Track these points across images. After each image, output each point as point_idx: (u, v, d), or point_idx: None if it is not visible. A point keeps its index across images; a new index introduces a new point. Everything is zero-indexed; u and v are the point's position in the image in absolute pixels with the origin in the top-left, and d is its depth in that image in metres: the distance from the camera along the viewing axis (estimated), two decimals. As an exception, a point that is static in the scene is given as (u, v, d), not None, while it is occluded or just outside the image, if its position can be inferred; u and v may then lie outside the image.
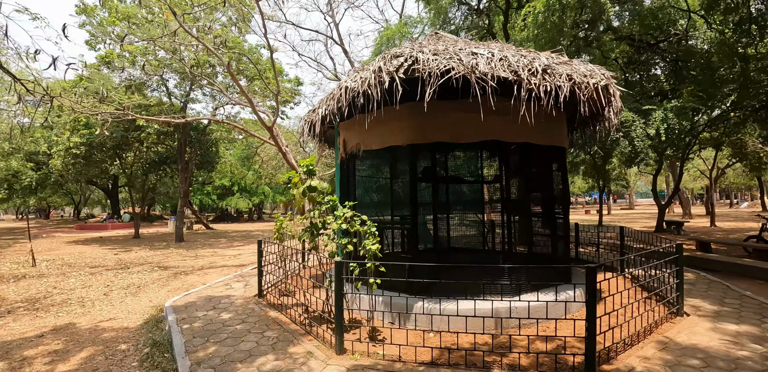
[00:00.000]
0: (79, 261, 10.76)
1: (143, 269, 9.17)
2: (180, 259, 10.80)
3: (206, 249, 13.38)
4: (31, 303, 6.19)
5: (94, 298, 6.45)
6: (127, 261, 10.63)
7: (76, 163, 15.94)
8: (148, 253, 12.19)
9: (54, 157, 16.46)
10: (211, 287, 6.56)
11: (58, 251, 13.22)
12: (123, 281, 7.80)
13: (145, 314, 5.35)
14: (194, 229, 23.85)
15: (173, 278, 7.99)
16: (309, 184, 4.33)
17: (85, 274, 8.70)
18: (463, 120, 4.49)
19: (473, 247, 7.58)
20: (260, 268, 5.60)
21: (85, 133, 15.49)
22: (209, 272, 8.66)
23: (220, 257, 11.14)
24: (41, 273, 8.84)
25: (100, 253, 12.60)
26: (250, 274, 7.72)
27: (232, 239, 17.09)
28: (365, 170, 5.97)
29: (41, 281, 7.89)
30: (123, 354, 3.98)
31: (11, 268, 9.53)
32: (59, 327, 4.95)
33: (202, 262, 10.14)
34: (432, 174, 6.07)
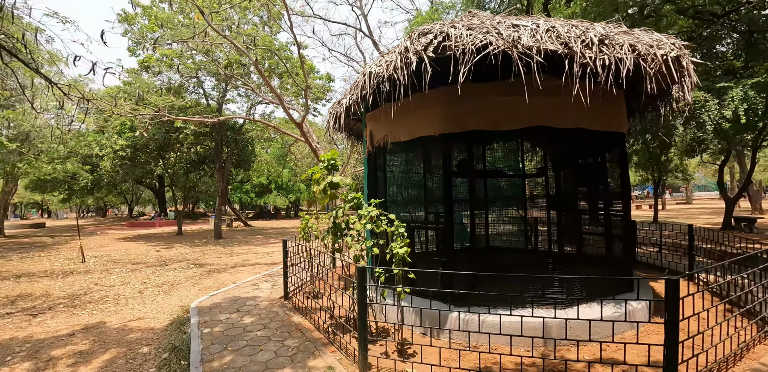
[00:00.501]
0: (124, 257, 11.20)
1: (180, 266, 9.32)
2: (216, 257, 10.95)
3: (242, 246, 13.57)
4: (72, 299, 6.35)
5: (129, 295, 6.53)
6: (167, 258, 10.92)
7: (123, 164, 16.78)
8: (187, 250, 12.52)
9: (104, 159, 17.43)
10: (239, 287, 6.43)
11: (107, 248, 13.95)
12: (159, 278, 7.91)
13: (172, 314, 5.27)
14: (233, 226, 24.59)
15: (206, 276, 8.00)
16: (330, 180, 3.96)
17: (126, 270, 8.97)
18: (503, 104, 3.92)
19: (514, 246, 6.94)
20: (285, 269, 5.35)
21: (130, 136, 16.24)
22: (241, 270, 8.62)
23: (253, 255, 11.18)
24: (88, 269, 9.22)
25: (143, 249, 13.13)
26: (279, 273, 7.54)
27: (268, 236, 17.33)
28: (394, 165, 5.52)
29: (86, 277, 8.19)
30: (143, 358, 3.84)
31: (63, 264, 10.06)
32: (90, 326, 4.96)
33: (235, 260, 10.20)
34: (468, 167, 5.52)
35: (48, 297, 6.55)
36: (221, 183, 17.17)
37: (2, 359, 3.95)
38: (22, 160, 15.98)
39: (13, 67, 6.17)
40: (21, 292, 6.88)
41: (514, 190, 7.07)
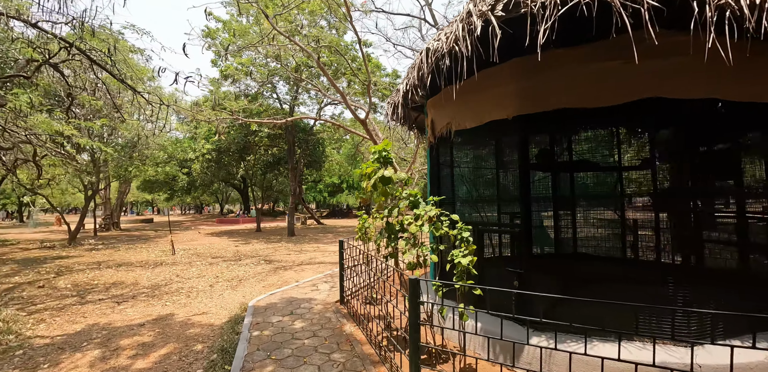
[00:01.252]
0: (207, 251, 12.08)
1: (251, 262, 9.67)
2: (285, 253, 11.23)
3: (311, 244, 13.84)
4: (153, 289, 6.81)
5: (201, 289, 6.80)
6: (242, 253, 11.50)
7: (209, 166, 18.38)
8: (261, 247, 13.12)
9: (195, 162, 19.29)
10: (298, 287, 6.29)
11: (196, 242, 15.31)
12: (230, 273, 8.22)
13: (232, 311, 5.26)
14: (307, 224, 25.64)
15: (272, 273, 8.11)
16: (381, 175, 3.47)
17: (205, 264, 9.55)
18: (599, 72, 3.04)
19: (608, 254, 5.75)
20: (341, 272, 5.01)
21: (215, 141, 17.70)
22: (306, 268, 8.61)
23: (321, 253, 11.24)
24: (175, 261, 10.04)
25: (225, 244, 14.11)
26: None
27: (338, 234, 17.59)
28: (460, 157, 4.83)
29: (170, 269, 8.87)
30: (195, 356, 3.76)
31: (157, 256, 11.14)
32: (160, 317, 5.14)
33: (303, 258, 10.31)
34: (550, 158, 4.62)
35: (135, 286, 7.12)
36: (294, 183, 17.88)
37: (79, 345, 4.19)
38: (132, 165, 18.38)
39: (102, 79, 6.80)
40: (116, 280, 7.62)
41: (607, 185, 5.87)
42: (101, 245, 14.08)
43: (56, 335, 4.51)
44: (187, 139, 23.15)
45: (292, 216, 17.63)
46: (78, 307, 5.73)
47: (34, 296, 6.37)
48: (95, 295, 6.41)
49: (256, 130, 15.94)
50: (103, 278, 7.88)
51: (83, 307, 5.73)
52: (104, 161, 16.97)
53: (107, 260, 10.34)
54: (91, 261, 10.24)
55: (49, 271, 8.76)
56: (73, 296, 6.37)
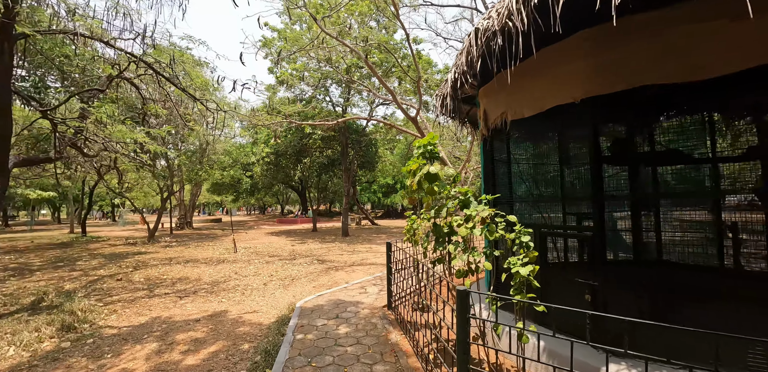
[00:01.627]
0: (265, 250, 12.57)
1: (305, 262, 9.82)
2: (338, 254, 11.29)
3: (364, 244, 13.83)
4: (213, 286, 7.12)
5: (255, 286, 6.97)
6: (297, 252, 11.78)
7: (268, 169, 19.25)
8: (316, 246, 13.37)
9: (255, 165, 20.35)
10: (347, 289, 6.16)
11: (256, 241, 16.08)
12: (284, 272, 8.38)
13: (281, 311, 5.26)
14: (362, 225, 25.91)
15: (324, 273, 8.12)
16: (427, 171, 3.15)
17: (262, 262, 9.89)
18: (693, 37, 2.43)
19: (702, 263, 4.82)
20: (389, 276, 4.76)
21: (273, 144, 18.51)
22: (357, 269, 8.51)
23: (372, 254, 11.13)
24: (235, 259, 10.54)
25: (282, 243, 14.63)
26: (390, 276, 7.12)
27: (391, 235, 17.46)
28: (517, 151, 4.33)
29: (231, 266, 9.29)
30: (240, 356, 3.74)
31: (220, 253, 11.81)
32: (215, 313, 5.29)
33: (354, 258, 10.26)
34: (627, 150, 3.94)
35: (197, 282, 7.52)
36: (347, 184, 18.10)
37: (141, 337, 4.40)
38: (201, 169, 19.90)
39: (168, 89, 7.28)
40: (182, 276, 8.13)
41: (698, 181, 4.94)
42: (175, 243, 15.36)
43: (123, 326, 4.81)
44: (249, 144, 24.58)
45: (346, 216, 17.84)
46: (146, 300, 6.14)
47: (112, 288, 6.98)
48: (162, 289, 6.84)
49: (310, 132, 16.38)
50: (171, 273, 8.45)
51: (150, 300, 6.12)
52: (178, 166, 18.57)
53: (177, 256, 11.17)
54: (164, 257, 11.12)
55: (129, 265, 9.64)
56: (144, 289, 6.87)
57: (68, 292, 6.61)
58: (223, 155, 21.42)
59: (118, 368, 3.58)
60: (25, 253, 12.58)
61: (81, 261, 10.59)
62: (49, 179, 17.89)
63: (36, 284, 7.41)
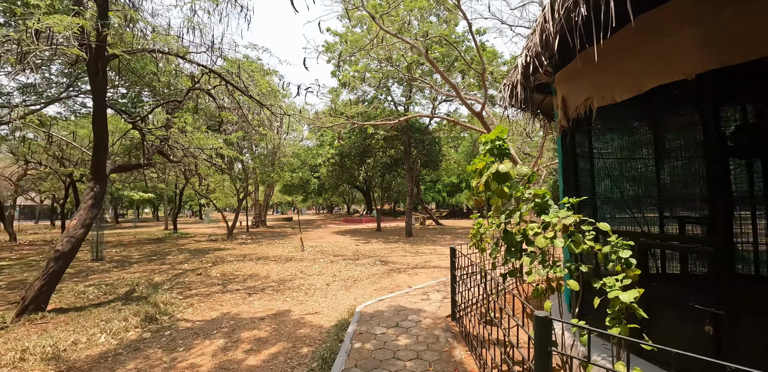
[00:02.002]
0: (330, 249, 12.84)
1: (368, 262, 9.77)
2: (401, 255, 11.09)
3: (428, 245, 13.46)
4: (279, 284, 7.34)
5: (318, 287, 7.03)
6: (361, 252, 11.82)
7: (334, 170, 19.78)
8: (379, 247, 13.32)
9: (322, 166, 21.07)
10: (409, 294, 5.89)
11: (323, 239, 16.58)
12: (347, 272, 8.38)
13: (341, 314, 5.17)
14: (426, 225, 25.50)
15: (386, 275, 7.95)
16: (495, 170, 2.74)
17: (326, 262, 10.06)
18: None
19: None
20: (453, 284, 4.38)
21: (337, 146, 18.96)
22: (420, 272, 8.21)
23: (437, 256, 10.73)
24: (302, 258, 10.88)
25: (347, 243, 14.86)
26: (455, 282, 6.70)
27: (456, 236, 16.84)
28: (604, 143, 3.66)
29: (297, 265, 9.58)
30: (298, 360, 3.67)
31: (289, 251, 12.32)
32: (279, 312, 5.38)
33: (418, 260, 9.97)
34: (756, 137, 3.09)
35: (266, 279, 7.82)
36: (411, 183, 17.86)
37: (210, 332, 4.59)
38: (273, 172, 21.14)
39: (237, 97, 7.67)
40: (253, 273, 8.55)
41: None
42: (249, 240, 16.47)
43: (197, 320, 5.09)
44: (316, 146, 25.59)
45: (410, 216, 17.61)
46: (219, 295, 6.50)
47: (192, 282, 7.55)
48: (234, 285, 7.22)
49: (373, 133, 16.45)
50: (244, 270, 8.95)
51: (223, 295, 6.46)
52: (252, 169, 19.95)
53: (251, 253, 11.88)
54: (239, 254, 11.90)
55: (208, 261, 10.46)
56: (219, 285, 7.31)
57: (156, 284, 7.28)
58: (292, 157, 22.55)
59: (187, 363, 3.72)
60: (128, 247, 14.41)
61: (170, 255, 11.77)
62: (147, 182, 20.42)
63: (132, 275, 8.32)
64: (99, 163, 6.45)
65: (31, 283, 5.37)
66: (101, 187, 6.42)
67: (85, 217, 6.10)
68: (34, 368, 3.65)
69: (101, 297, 6.36)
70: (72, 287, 7.09)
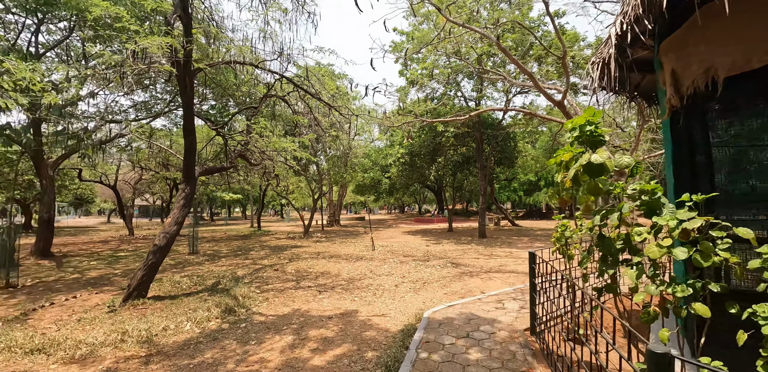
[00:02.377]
0: (400, 249, 12.73)
1: (438, 264, 9.42)
2: (474, 257, 10.51)
3: (503, 248, 12.61)
4: (349, 283, 7.38)
5: (387, 287, 6.90)
6: (431, 253, 11.49)
7: (404, 169, 19.70)
8: (451, 248, 12.84)
9: (392, 166, 21.13)
10: (482, 302, 5.43)
11: (393, 239, 16.57)
12: (417, 274, 8.14)
13: (409, 317, 4.94)
14: (500, 226, 24.15)
15: (457, 279, 7.54)
16: (587, 161, 2.27)
17: (396, 262, 9.94)
18: None
19: None
20: (533, 294, 3.88)
21: (407, 145, 18.83)
22: (494, 277, 7.64)
23: (513, 259, 9.96)
24: (372, 257, 10.91)
25: (417, 243, 14.62)
26: (534, 289, 6.04)
27: (535, 238, 15.57)
28: (732, 126, 2.87)
29: (367, 264, 9.61)
30: (362, 365, 3.53)
31: (360, 250, 12.48)
32: (346, 312, 5.34)
33: (492, 264, 9.33)
34: None
35: (336, 277, 7.94)
36: (483, 182, 16.98)
37: (281, 328, 4.70)
38: (346, 172, 21.79)
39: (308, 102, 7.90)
40: (325, 270, 8.76)
41: None
42: (324, 238, 17.14)
43: (270, 315, 5.28)
44: (386, 146, 25.81)
45: (483, 216, 16.75)
46: (292, 291, 6.73)
47: (269, 277, 7.97)
48: (306, 282, 7.44)
49: (443, 130, 15.97)
50: (317, 267, 9.23)
51: (296, 292, 6.67)
52: (326, 170, 20.78)
53: (324, 251, 12.28)
54: (314, 251, 12.39)
55: (285, 257, 11.03)
56: (293, 281, 7.60)
57: (238, 278, 7.82)
58: (363, 158, 23.03)
59: (257, 356, 3.82)
60: (219, 243, 15.95)
61: (253, 251, 12.72)
62: (233, 184, 22.50)
63: (220, 268, 9.10)
64: (189, 167, 7.11)
65: (134, 272, 6.10)
66: (191, 189, 7.08)
67: (178, 216, 6.76)
68: (130, 349, 4.06)
69: (192, 287, 7.01)
70: (170, 277, 7.95)
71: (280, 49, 6.92)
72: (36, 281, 8.14)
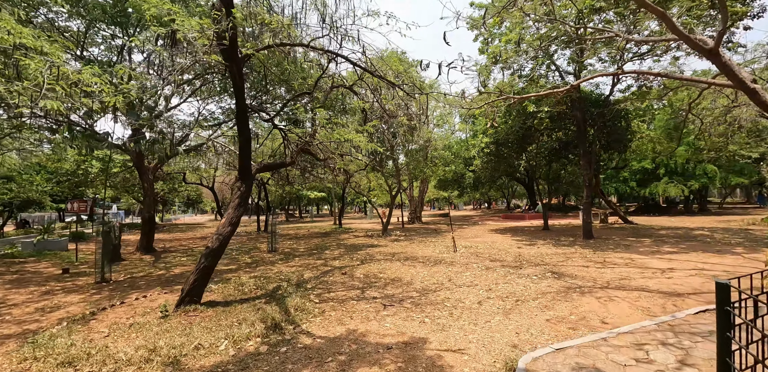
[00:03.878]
0: (487, 251, 11.02)
1: (534, 273, 7.62)
2: (580, 265, 8.39)
3: (618, 252, 10.04)
4: (421, 294, 6.14)
5: (468, 305, 5.49)
6: (525, 257, 9.60)
7: (489, 160, 17.64)
8: (548, 251, 10.69)
9: (476, 158, 19.17)
10: (609, 344, 3.68)
11: (478, 239, 14.78)
12: (506, 287, 6.54)
13: (496, 360, 3.51)
14: (608, 223, 20.39)
15: (562, 297, 5.76)
16: None
17: (481, 268, 8.37)
18: None
19: None
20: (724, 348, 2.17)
21: (491, 133, 16.74)
22: (615, 296, 5.66)
23: (637, 270, 7.61)
24: (453, 260, 9.48)
25: (507, 244, 12.66)
26: (691, 325, 4.03)
27: (660, 240, 12.33)
28: None
29: (447, 269, 8.24)
30: None
31: (440, 252, 11.11)
32: (411, 341, 4.12)
33: (609, 276, 7.19)
34: None
35: (408, 286, 6.75)
36: (588, 170, 14.11)
37: (325, 358, 3.69)
38: (426, 166, 20.47)
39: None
40: (396, 276, 7.65)
41: None
42: (403, 237, 16.12)
43: (318, 336, 4.33)
44: (469, 137, 23.78)
45: (589, 213, 13.92)
46: (354, 302, 5.74)
47: (334, 283, 7.15)
48: (372, 291, 6.41)
49: (534, 111, 13.61)
50: (388, 271, 8.18)
51: (357, 304, 5.67)
52: (405, 165, 19.72)
53: (400, 252, 11.22)
54: (389, 252, 11.41)
55: (358, 258, 10.24)
56: (358, 289, 6.64)
57: (302, 282, 7.16)
58: (443, 151, 21.43)
59: (283, 409, 2.82)
60: (299, 240, 16.04)
61: (328, 250, 12.26)
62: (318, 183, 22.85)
63: (290, 269, 8.65)
64: (245, 164, 6.61)
65: (188, 277, 5.73)
66: (247, 187, 6.55)
67: (232, 216, 6.27)
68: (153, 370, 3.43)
69: (253, 291, 6.51)
70: (239, 278, 7.66)
71: (332, 22, 5.95)
72: (127, 277, 8.60)
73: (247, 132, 6.64)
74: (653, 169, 25.81)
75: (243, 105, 6.36)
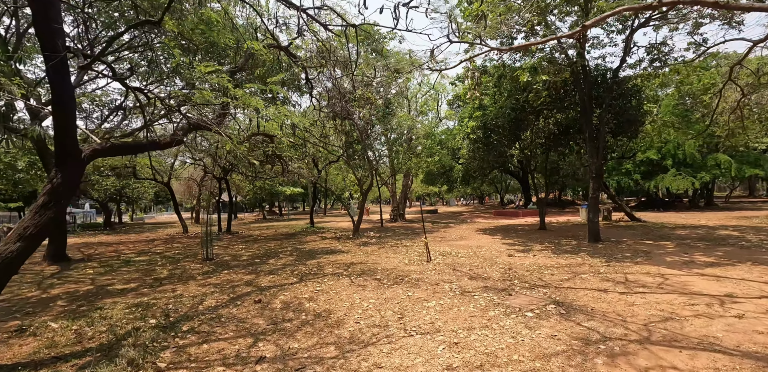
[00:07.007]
0: (468, 261, 8.58)
1: (530, 303, 5.19)
2: (595, 287, 5.97)
3: (640, 264, 7.63)
4: (342, 354, 3.67)
5: (408, 386, 3.04)
6: (516, 272, 7.19)
7: (476, 148, 15.20)
8: (548, 262, 8.25)
9: (462, 147, 16.71)
10: None
11: (462, 242, 12.34)
12: (485, 337, 4.11)
13: None
14: (613, 220, 18.11)
15: (578, 365, 3.33)
16: None
17: (455, 291, 5.94)
18: None
19: None
20: None
21: (479, 116, 14.26)
22: (665, 356, 3.24)
23: (681, 298, 5.20)
24: (420, 277, 7.05)
25: (495, 250, 10.23)
26: None
27: (684, 245, 9.96)
28: None
29: (405, 295, 5.79)
30: None
31: (408, 262, 8.65)
32: None
33: (641, 311, 4.77)
34: None
35: (331, 332, 4.29)
36: (594, 159, 11.65)
37: None
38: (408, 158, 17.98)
39: None
40: (326, 309, 5.19)
41: None
42: (374, 239, 13.67)
43: None
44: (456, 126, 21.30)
45: (595, 210, 11.50)
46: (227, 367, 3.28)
47: (230, 319, 4.66)
48: (269, 344, 3.92)
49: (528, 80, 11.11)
50: (322, 298, 5.75)
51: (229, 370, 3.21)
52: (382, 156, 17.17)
53: (359, 262, 8.78)
54: (347, 261, 8.98)
55: (301, 272, 7.81)
56: (252, 335, 4.18)
57: (185, 317, 4.71)
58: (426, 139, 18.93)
59: None
60: (255, 244, 13.53)
61: (275, 258, 9.85)
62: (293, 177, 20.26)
63: (201, 290, 6.18)
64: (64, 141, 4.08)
65: None
66: (63, 178, 4.02)
67: (27, 225, 3.74)
68: None
69: (73, 345, 4.00)
70: (69, 321, 5.06)
71: None
72: None
73: (69, 89, 4.08)
74: (659, 160, 23.51)
75: (52, 42, 3.80)
